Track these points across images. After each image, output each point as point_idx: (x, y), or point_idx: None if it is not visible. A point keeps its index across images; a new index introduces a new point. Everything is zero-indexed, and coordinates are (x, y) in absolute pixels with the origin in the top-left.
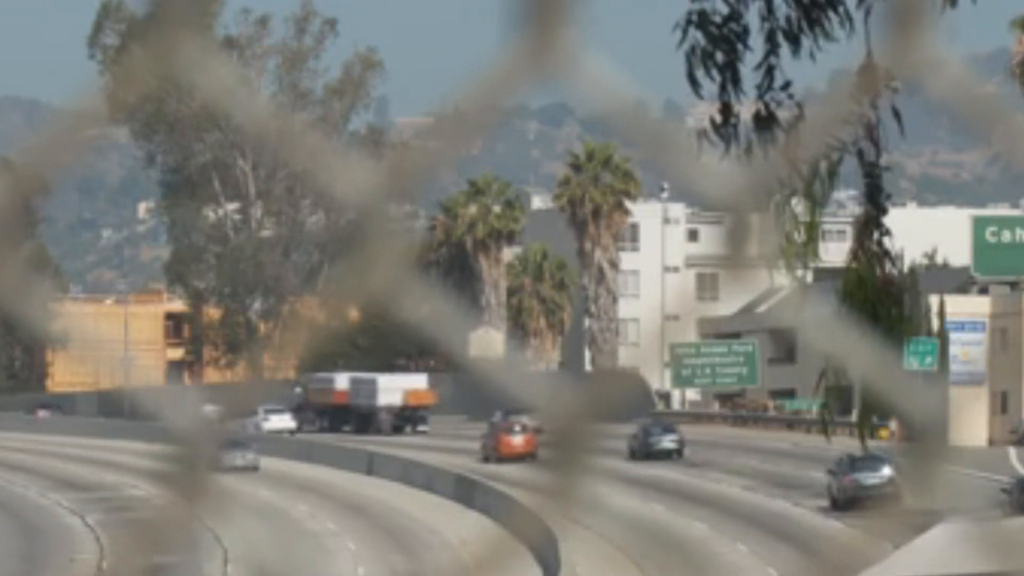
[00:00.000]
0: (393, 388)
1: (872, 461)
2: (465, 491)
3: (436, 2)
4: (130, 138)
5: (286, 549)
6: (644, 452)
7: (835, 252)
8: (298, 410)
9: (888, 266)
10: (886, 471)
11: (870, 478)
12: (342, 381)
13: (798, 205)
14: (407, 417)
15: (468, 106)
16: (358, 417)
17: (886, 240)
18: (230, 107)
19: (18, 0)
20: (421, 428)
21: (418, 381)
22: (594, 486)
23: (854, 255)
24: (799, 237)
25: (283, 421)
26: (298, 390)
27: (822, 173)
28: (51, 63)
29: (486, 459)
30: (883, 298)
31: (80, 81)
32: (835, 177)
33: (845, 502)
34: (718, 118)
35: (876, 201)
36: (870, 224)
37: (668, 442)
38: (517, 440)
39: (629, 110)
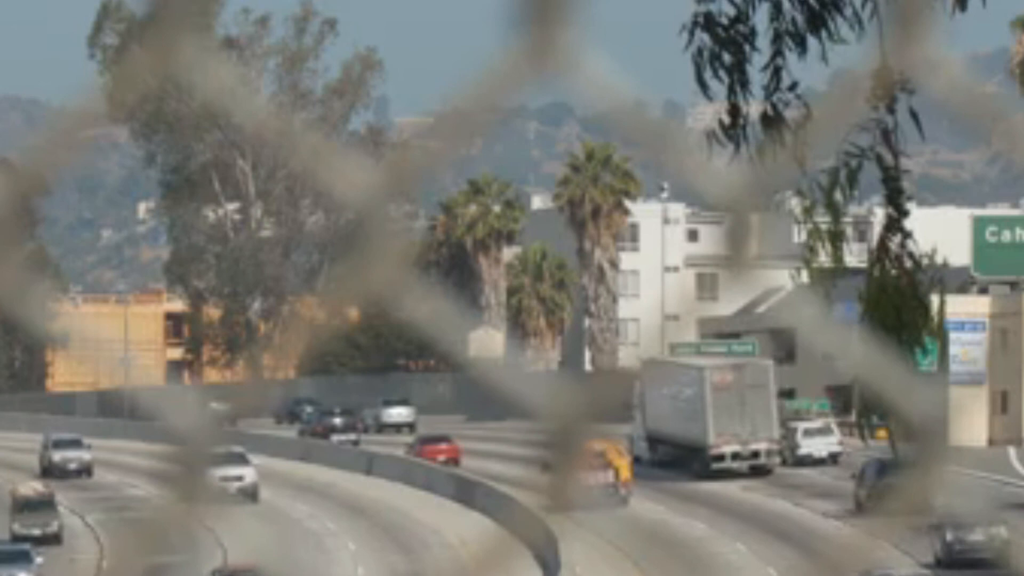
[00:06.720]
0: None
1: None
2: (465, 491)
3: (436, 2)
4: (130, 138)
5: (286, 549)
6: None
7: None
8: None
9: (912, 267)
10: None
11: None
12: None
13: (799, 206)
14: None
15: (468, 106)
16: None
17: (909, 242)
18: (230, 107)
19: (18, 0)
20: None
21: None
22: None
23: (877, 258)
24: (822, 246)
25: None
26: None
27: (842, 180)
28: (51, 63)
29: None
30: (907, 301)
31: (80, 81)
32: (855, 184)
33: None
34: (727, 119)
35: (897, 203)
36: (892, 227)
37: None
38: None
39: (629, 110)
